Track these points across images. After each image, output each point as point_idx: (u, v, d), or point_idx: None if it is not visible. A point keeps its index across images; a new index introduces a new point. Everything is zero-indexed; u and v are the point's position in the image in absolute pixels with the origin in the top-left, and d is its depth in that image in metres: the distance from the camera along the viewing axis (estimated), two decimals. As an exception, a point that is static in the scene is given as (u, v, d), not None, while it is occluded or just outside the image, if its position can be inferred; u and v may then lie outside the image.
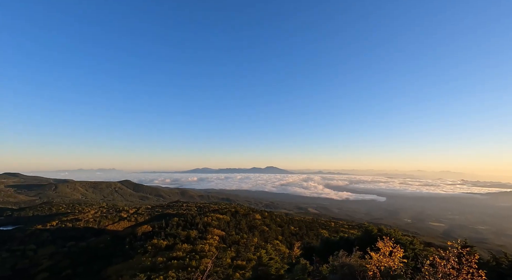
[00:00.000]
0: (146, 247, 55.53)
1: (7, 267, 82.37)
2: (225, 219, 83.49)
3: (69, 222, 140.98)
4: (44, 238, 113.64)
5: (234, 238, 65.27)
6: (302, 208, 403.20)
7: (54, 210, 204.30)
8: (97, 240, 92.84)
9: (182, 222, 78.17)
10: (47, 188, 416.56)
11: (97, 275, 40.88)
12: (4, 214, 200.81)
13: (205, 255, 46.70)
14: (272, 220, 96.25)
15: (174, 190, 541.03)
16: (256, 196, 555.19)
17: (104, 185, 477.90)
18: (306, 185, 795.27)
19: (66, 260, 65.78)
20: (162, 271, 36.38)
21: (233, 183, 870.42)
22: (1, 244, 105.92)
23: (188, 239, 60.66)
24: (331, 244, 17.49)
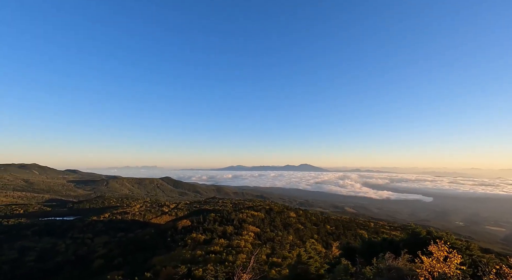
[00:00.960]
0: (186, 240, 58.32)
1: (70, 253, 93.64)
2: (260, 216, 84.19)
3: (118, 215, 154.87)
4: (99, 228, 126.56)
5: (269, 235, 65.49)
6: (338, 207, 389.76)
7: (106, 203, 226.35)
8: (143, 232, 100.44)
9: (219, 217, 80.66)
10: (100, 183, 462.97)
11: (144, 264, 44.07)
12: (67, 206, 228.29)
13: (241, 250, 47.49)
14: (307, 218, 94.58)
15: (210, 187, 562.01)
16: (290, 194, 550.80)
17: (148, 181, 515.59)
18: (343, 183, 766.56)
19: (117, 249, 72.47)
20: (201, 264, 37.83)
21: (266, 181, 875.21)
22: (65, 232, 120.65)
23: (225, 235, 62.36)
24: (374, 245, 16.44)
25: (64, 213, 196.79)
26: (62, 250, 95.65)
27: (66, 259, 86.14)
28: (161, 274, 32.45)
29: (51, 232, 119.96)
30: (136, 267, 44.20)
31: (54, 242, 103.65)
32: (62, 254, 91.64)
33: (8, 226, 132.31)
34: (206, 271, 31.81)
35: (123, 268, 46.53)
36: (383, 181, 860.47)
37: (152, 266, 39.51)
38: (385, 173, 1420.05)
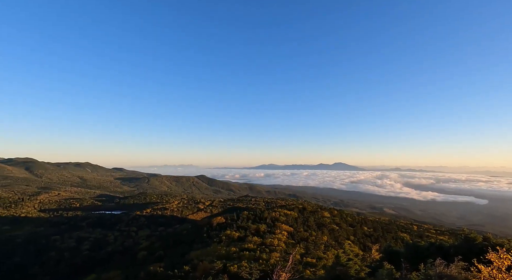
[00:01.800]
0: (221, 237, 59.96)
1: (118, 244, 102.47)
2: (293, 215, 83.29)
3: (159, 210, 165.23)
4: (142, 222, 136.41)
5: (303, 234, 64.48)
6: (376, 208, 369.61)
7: (148, 199, 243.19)
8: (180, 227, 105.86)
9: (252, 215, 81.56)
10: (142, 180, 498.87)
11: (182, 258, 46.23)
12: (114, 201, 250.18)
13: (275, 249, 47.42)
14: (342, 218, 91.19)
15: (243, 185, 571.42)
16: (324, 193, 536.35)
17: (184, 179, 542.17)
18: (381, 183, 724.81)
19: (158, 242, 77.45)
20: (235, 260, 38.56)
21: (299, 179, 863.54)
22: (114, 225, 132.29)
23: (258, 233, 62.85)
24: (420, 250, 15.09)
25: (112, 208, 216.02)
26: (111, 241, 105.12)
27: (115, 249, 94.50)
28: (198, 268, 33.79)
29: (102, 224, 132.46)
30: (175, 260, 46.66)
31: (105, 234, 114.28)
32: (112, 245, 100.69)
33: (68, 217, 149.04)
34: (240, 268, 32.35)
35: (164, 261, 49.50)
36: (427, 181, 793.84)
37: (190, 260, 41.35)
38: (430, 173, 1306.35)
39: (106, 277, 40.93)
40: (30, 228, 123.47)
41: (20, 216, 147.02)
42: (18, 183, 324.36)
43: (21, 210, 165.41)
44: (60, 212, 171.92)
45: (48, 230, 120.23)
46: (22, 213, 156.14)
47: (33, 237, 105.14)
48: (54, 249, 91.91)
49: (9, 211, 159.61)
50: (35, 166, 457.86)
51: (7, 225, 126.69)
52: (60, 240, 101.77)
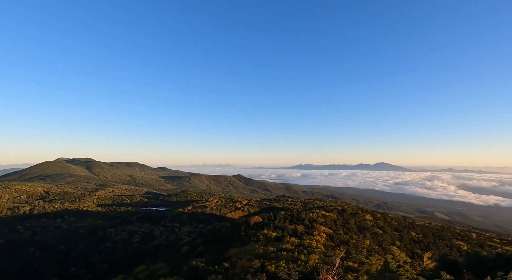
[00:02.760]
0: (258, 236, 60.47)
1: (163, 238, 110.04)
2: (332, 216, 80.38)
3: (199, 208, 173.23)
4: (184, 219, 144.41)
5: (343, 237, 61.82)
6: (426, 212, 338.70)
7: (189, 197, 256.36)
8: (219, 225, 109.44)
9: (289, 216, 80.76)
10: (183, 179, 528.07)
11: (222, 254, 47.70)
12: (159, 198, 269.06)
13: (313, 251, 46.25)
14: (386, 222, 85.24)
15: (279, 185, 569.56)
16: (365, 195, 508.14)
17: (222, 179, 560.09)
18: (431, 185, 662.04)
19: (199, 238, 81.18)
20: (273, 260, 38.52)
21: (338, 180, 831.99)
22: (159, 220, 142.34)
23: (295, 233, 61.99)
24: (484, 261, 13.27)
25: (157, 204, 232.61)
26: (157, 235, 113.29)
27: (161, 243, 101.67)
28: (237, 265, 34.53)
29: (149, 220, 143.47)
30: (215, 257, 48.36)
31: (152, 228, 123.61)
32: (158, 239, 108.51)
33: (120, 212, 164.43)
34: (278, 268, 32.22)
35: (205, 256, 51.68)
36: (488, 183, 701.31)
37: (229, 257, 42.49)
38: (492, 174, 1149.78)
39: (154, 268, 44.10)
40: (91, 221, 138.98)
41: (82, 209, 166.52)
42: (80, 180, 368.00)
43: (83, 204, 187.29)
44: (114, 207, 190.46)
45: (105, 223, 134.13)
46: (84, 207, 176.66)
47: (93, 229, 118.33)
48: (110, 240, 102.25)
49: (74, 204, 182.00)
50: (94, 165, 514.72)
51: (73, 217, 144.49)
52: (114, 232, 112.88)
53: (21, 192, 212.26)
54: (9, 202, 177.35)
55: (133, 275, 43.80)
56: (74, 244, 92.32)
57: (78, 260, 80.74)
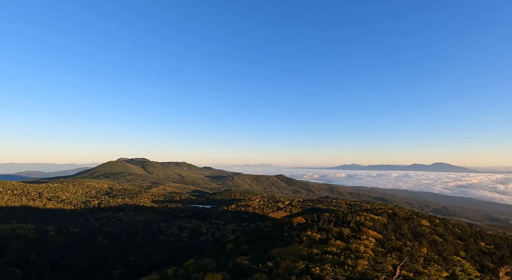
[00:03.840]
0: (302, 237, 59.52)
1: (209, 234, 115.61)
2: (382, 220, 74.88)
3: (242, 207, 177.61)
4: (228, 217, 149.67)
5: (395, 243, 57.14)
6: (498, 220, 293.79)
7: (232, 196, 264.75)
8: (262, 224, 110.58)
9: (333, 218, 77.71)
10: (227, 179, 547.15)
11: (265, 253, 48.21)
12: (205, 196, 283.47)
13: (361, 256, 43.76)
14: (447, 229, 76.08)
15: (323, 186, 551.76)
16: (420, 198, 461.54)
17: (264, 178, 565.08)
18: (504, 189, 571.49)
19: (243, 236, 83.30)
20: (318, 263, 37.57)
21: (387, 181, 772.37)
22: (205, 217, 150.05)
23: (341, 236, 59.37)
24: None
25: (203, 202, 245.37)
26: (204, 231, 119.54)
27: (207, 239, 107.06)
28: (281, 265, 34.54)
29: (196, 216, 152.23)
30: (258, 255, 49.07)
31: (199, 225, 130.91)
32: (204, 235, 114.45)
33: (171, 208, 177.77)
34: (323, 271, 31.30)
35: (249, 254, 52.84)
36: None
37: (272, 257, 42.72)
38: None
39: (202, 262, 46.65)
40: (146, 215, 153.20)
41: (139, 204, 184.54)
42: (137, 178, 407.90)
43: (140, 200, 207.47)
44: (165, 203, 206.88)
45: (158, 218, 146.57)
46: (141, 202, 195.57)
47: (148, 222, 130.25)
48: (163, 234, 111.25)
49: (133, 200, 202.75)
50: (148, 164, 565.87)
51: (132, 211, 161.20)
52: (166, 227, 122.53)
53: (91, 187, 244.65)
54: (82, 196, 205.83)
55: (184, 268, 46.97)
56: (133, 236, 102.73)
57: (137, 250, 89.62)
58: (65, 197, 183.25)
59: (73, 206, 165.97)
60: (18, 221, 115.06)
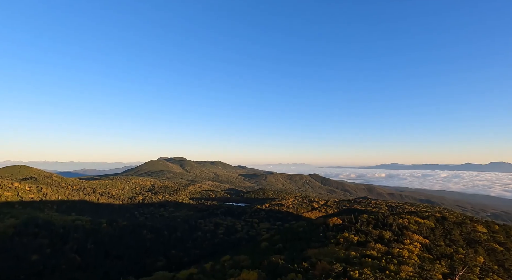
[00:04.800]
0: (338, 238, 57.42)
1: (244, 232, 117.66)
2: (428, 224, 68.77)
3: (276, 206, 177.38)
4: (262, 215, 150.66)
5: (444, 250, 52.08)
6: None
7: (266, 195, 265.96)
8: (296, 224, 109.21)
9: (373, 220, 73.53)
10: (260, 177, 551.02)
11: (301, 253, 47.58)
12: (239, 194, 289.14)
13: (405, 261, 40.81)
14: (509, 237, 67.12)
15: (360, 186, 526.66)
16: (474, 201, 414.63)
17: (298, 177, 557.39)
18: None
19: (277, 235, 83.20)
20: (356, 266, 35.99)
21: (435, 182, 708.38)
22: (240, 215, 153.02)
23: (381, 240, 55.95)
24: None
25: (238, 200, 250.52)
26: (239, 229, 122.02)
27: (242, 237, 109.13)
28: (317, 266, 33.77)
29: (231, 214, 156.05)
30: (293, 255, 48.59)
31: (234, 222, 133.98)
32: (239, 232, 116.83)
33: (207, 205, 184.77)
34: (363, 275, 29.85)
35: (283, 253, 52.61)
36: None
37: (307, 257, 41.97)
38: None
39: (238, 259, 47.70)
40: (185, 211, 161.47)
41: (178, 201, 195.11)
42: (176, 176, 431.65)
43: (179, 197, 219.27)
44: (202, 201, 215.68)
45: (196, 214, 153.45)
46: (179, 199, 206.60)
47: (187, 218, 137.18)
48: (200, 230, 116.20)
49: (172, 197, 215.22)
50: (185, 163, 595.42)
51: (172, 207, 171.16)
52: (203, 223, 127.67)
53: (136, 184, 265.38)
54: (128, 192, 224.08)
55: (220, 263, 48.50)
56: (173, 230, 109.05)
57: (177, 244, 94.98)
58: (114, 193, 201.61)
59: (121, 201, 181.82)
60: (77, 213, 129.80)
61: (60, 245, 76.44)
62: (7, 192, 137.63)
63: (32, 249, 71.09)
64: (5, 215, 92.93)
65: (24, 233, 78.71)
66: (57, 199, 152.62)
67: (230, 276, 35.71)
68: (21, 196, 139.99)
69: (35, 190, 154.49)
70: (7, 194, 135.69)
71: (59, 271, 64.60)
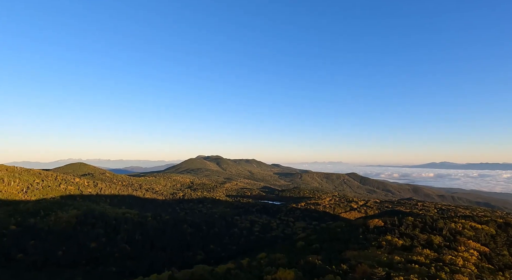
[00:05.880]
0: (380, 241, 54.16)
1: (279, 230, 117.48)
2: (488, 230, 61.11)
3: (312, 205, 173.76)
4: (297, 214, 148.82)
5: (508, 260, 45.88)
6: None
7: (301, 194, 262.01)
8: (334, 224, 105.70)
9: (420, 223, 67.77)
10: (295, 176, 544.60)
11: (339, 255, 45.97)
12: (274, 193, 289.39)
13: (459, 270, 36.93)
14: None
15: (404, 186, 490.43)
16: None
17: (334, 176, 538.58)
18: None
19: (313, 235, 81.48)
20: (401, 272, 33.62)
21: (495, 183, 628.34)
22: (275, 213, 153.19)
23: (430, 245, 51.30)
24: None
25: (273, 198, 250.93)
26: (274, 227, 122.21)
27: (277, 235, 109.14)
28: (357, 269, 32.26)
29: (266, 212, 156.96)
30: (331, 256, 47.10)
31: (269, 220, 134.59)
32: (275, 230, 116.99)
33: (243, 203, 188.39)
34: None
35: (320, 254, 51.29)
36: None
37: (346, 259, 40.35)
38: None
39: (274, 257, 47.83)
40: (222, 208, 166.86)
41: (215, 198, 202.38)
42: (213, 174, 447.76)
43: (216, 194, 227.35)
44: (238, 198, 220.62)
45: (232, 211, 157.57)
46: (217, 196, 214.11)
47: (223, 215, 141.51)
48: (236, 227, 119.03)
49: (210, 193, 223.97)
50: (222, 161, 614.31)
51: (210, 204, 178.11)
52: (239, 220, 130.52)
53: (176, 181, 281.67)
54: (170, 188, 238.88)
55: (257, 260, 49.14)
56: (211, 226, 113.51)
57: (215, 239, 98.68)
58: (158, 189, 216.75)
59: (163, 197, 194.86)
60: (127, 206, 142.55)
61: (113, 235, 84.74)
62: (70, 186, 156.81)
63: (91, 237, 80.00)
64: (69, 206, 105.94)
65: (84, 223, 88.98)
66: (109, 193, 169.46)
67: (267, 274, 35.93)
68: (81, 190, 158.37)
69: (92, 185, 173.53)
70: (70, 188, 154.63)
71: (112, 258, 71.70)
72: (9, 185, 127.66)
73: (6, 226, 78.66)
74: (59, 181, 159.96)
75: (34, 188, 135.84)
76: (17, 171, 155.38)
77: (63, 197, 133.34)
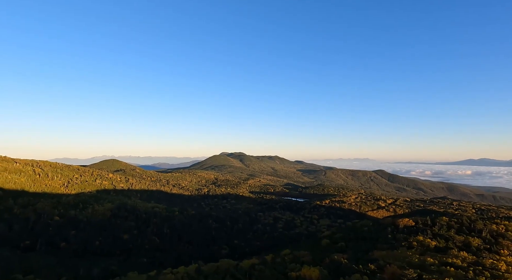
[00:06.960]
0: (411, 242, 51.55)
1: (303, 227, 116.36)
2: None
3: (337, 203, 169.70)
4: (322, 212, 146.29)
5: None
6: None
7: (326, 191, 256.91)
8: (360, 223, 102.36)
9: (455, 224, 63.35)
10: (319, 173, 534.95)
11: (366, 255, 44.56)
12: (298, 190, 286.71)
13: (501, 276, 34.09)
14: None
15: (438, 184, 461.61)
16: None
17: (361, 174, 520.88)
18: None
19: (339, 233, 79.59)
20: (434, 275, 31.76)
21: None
22: (299, 210, 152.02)
23: (467, 247, 47.83)
24: None
25: (296, 195, 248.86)
26: (298, 224, 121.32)
27: (301, 232, 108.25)
28: (386, 270, 31.02)
29: (290, 209, 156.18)
30: (358, 255, 45.78)
31: (293, 217, 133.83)
32: (298, 227, 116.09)
33: (266, 199, 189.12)
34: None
35: (346, 252, 50.01)
36: None
37: (374, 259, 38.95)
38: None
39: (298, 254, 47.53)
40: (245, 204, 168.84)
41: (239, 194, 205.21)
42: (236, 171, 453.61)
43: (239, 190, 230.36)
44: (261, 194, 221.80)
45: (255, 207, 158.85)
46: (240, 192, 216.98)
47: (247, 211, 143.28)
48: (260, 223, 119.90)
49: (234, 190, 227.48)
50: (245, 158, 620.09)
51: (233, 200, 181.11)
52: (263, 216, 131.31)
53: (201, 177, 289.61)
54: (195, 184, 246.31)
55: (281, 257, 49.15)
56: (235, 221, 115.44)
57: (239, 234, 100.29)
58: (184, 185, 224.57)
59: (189, 192, 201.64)
60: (155, 201, 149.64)
61: (144, 228, 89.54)
62: (105, 182, 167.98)
63: (124, 229, 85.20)
64: (104, 200, 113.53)
65: (117, 215, 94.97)
66: (140, 188, 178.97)
67: (291, 270, 35.81)
68: (114, 184, 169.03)
69: (123, 180, 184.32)
70: (104, 183, 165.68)
71: (143, 250, 75.83)
72: (52, 180, 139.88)
73: (51, 217, 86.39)
74: (95, 176, 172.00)
75: (74, 183, 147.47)
76: (59, 167, 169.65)
77: (98, 191, 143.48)
